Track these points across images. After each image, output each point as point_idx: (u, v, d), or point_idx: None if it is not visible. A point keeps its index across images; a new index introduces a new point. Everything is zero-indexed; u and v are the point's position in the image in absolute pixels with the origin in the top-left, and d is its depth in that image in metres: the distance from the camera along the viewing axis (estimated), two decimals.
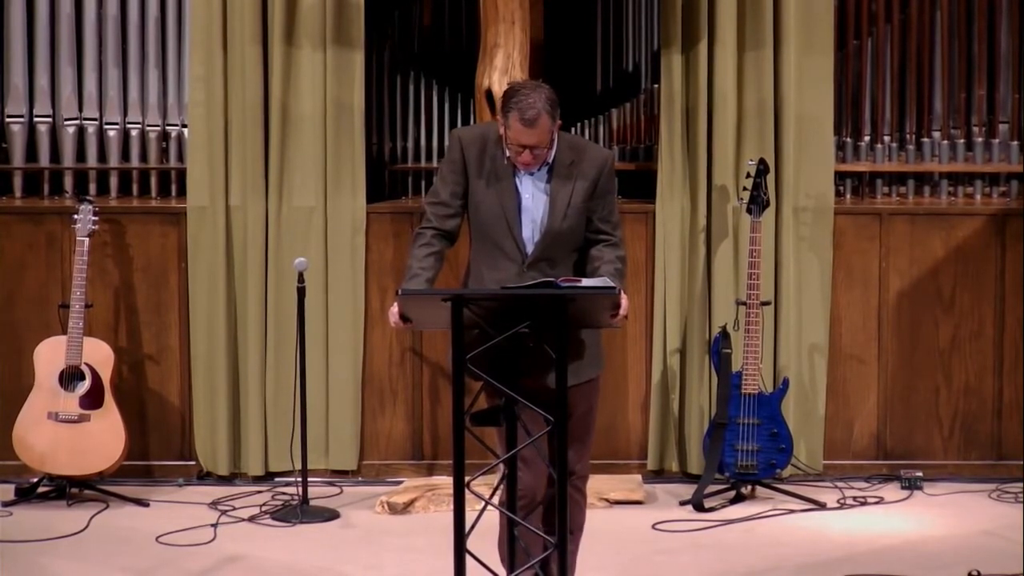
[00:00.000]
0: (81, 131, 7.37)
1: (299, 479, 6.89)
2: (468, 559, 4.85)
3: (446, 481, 6.96)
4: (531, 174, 5.12)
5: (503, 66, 6.76)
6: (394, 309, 4.99)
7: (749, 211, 6.95)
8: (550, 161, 5.11)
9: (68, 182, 7.39)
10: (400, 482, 7.22)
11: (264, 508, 6.91)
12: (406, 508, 6.90)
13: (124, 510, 6.90)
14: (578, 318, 4.89)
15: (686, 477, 7.27)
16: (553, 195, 5.11)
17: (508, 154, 5.07)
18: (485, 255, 5.16)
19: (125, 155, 7.42)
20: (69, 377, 6.93)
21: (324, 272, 7.21)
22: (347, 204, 7.20)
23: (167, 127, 7.40)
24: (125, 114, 7.39)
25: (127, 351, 7.27)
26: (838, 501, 7.00)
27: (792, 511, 6.86)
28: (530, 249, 5.12)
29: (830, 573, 6.07)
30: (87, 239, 6.94)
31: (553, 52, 7.51)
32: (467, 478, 4.85)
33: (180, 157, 7.38)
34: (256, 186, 7.18)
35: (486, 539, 5.21)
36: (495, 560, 5.18)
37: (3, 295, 7.25)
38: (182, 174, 7.31)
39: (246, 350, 7.22)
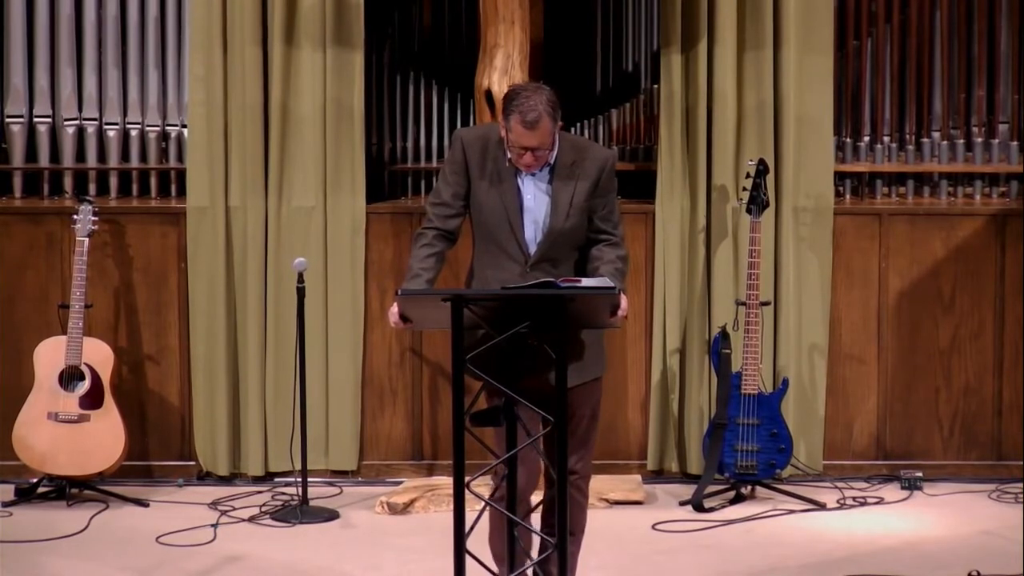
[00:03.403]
0: (81, 131, 7.37)
1: (299, 479, 6.89)
2: (468, 559, 4.85)
3: (446, 481, 6.96)
4: (533, 175, 5.13)
5: (503, 66, 6.76)
6: (394, 309, 4.99)
7: (749, 211, 6.95)
8: (551, 162, 5.12)
9: (68, 182, 7.39)
10: (400, 482, 7.22)
11: (264, 508, 6.91)
12: (406, 508, 6.90)
13: (124, 510, 6.90)
14: (578, 318, 4.89)
15: (686, 477, 7.27)
16: (555, 195, 5.12)
17: (510, 156, 5.09)
18: (488, 256, 5.17)
19: (125, 155, 7.43)
20: (69, 377, 6.93)
21: (324, 272, 7.21)
22: (347, 204, 7.20)
23: (167, 127, 7.40)
24: (125, 114, 7.39)
25: (127, 351, 7.27)
26: (838, 501, 7.00)
27: (792, 511, 6.86)
28: (533, 249, 5.13)
29: (830, 573, 6.07)
30: (87, 239, 6.94)
31: (553, 52, 7.51)
32: (467, 478, 4.85)
33: (180, 157, 7.38)
34: (256, 186, 7.18)
35: (486, 539, 5.21)
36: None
37: (3, 295, 7.25)
38: (182, 174, 7.31)
39: (246, 350, 7.22)
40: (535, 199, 5.14)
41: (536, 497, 5.32)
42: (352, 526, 6.76)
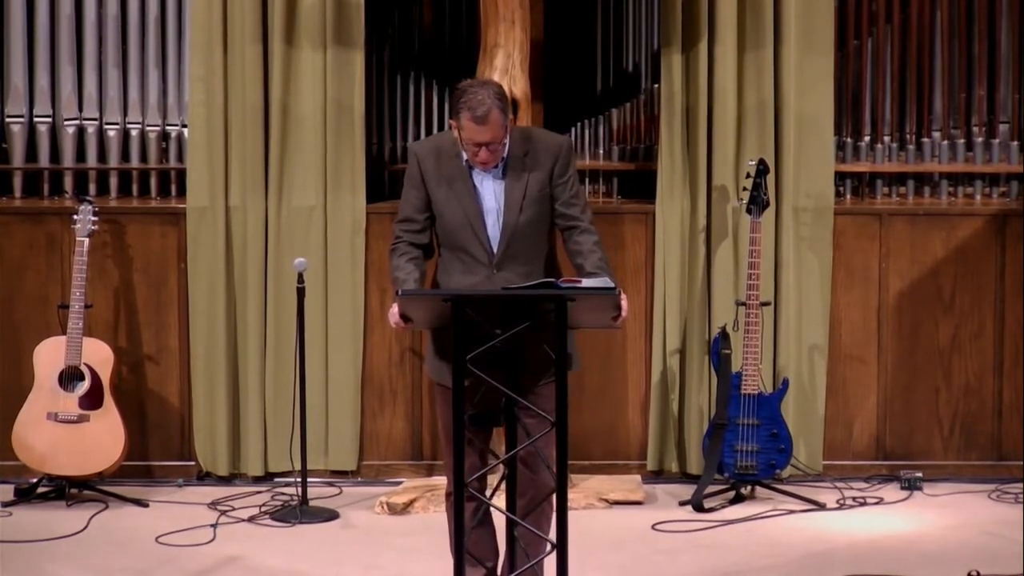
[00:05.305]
0: (81, 131, 7.37)
1: (299, 479, 6.89)
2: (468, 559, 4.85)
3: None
4: (490, 172, 5.12)
5: (503, 66, 6.76)
6: (394, 309, 4.99)
7: (749, 211, 6.95)
8: (505, 156, 5.12)
9: (68, 182, 7.39)
10: (400, 482, 7.22)
11: (264, 508, 6.91)
12: (405, 508, 6.90)
13: (124, 510, 6.90)
14: (580, 319, 4.89)
15: (686, 477, 7.27)
16: (508, 190, 5.12)
17: (466, 156, 5.08)
18: (456, 261, 5.17)
19: (125, 155, 7.43)
20: (69, 377, 6.92)
21: (324, 272, 7.21)
22: (347, 204, 7.20)
23: (167, 127, 7.40)
24: (125, 114, 7.39)
25: (127, 351, 7.27)
26: (838, 501, 7.00)
27: (792, 511, 6.86)
28: (496, 249, 5.13)
29: (830, 573, 6.07)
30: (87, 239, 6.94)
31: (553, 52, 7.51)
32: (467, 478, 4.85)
33: (180, 157, 7.38)
34: (256, 186, 7.18)
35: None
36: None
37: (3, 295, 7.25)
38: (182, 174, 7.31)
39: (246, 350, 7.22)
40: (495, 197, 5.14)
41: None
42: (352, 526, 6.75)
